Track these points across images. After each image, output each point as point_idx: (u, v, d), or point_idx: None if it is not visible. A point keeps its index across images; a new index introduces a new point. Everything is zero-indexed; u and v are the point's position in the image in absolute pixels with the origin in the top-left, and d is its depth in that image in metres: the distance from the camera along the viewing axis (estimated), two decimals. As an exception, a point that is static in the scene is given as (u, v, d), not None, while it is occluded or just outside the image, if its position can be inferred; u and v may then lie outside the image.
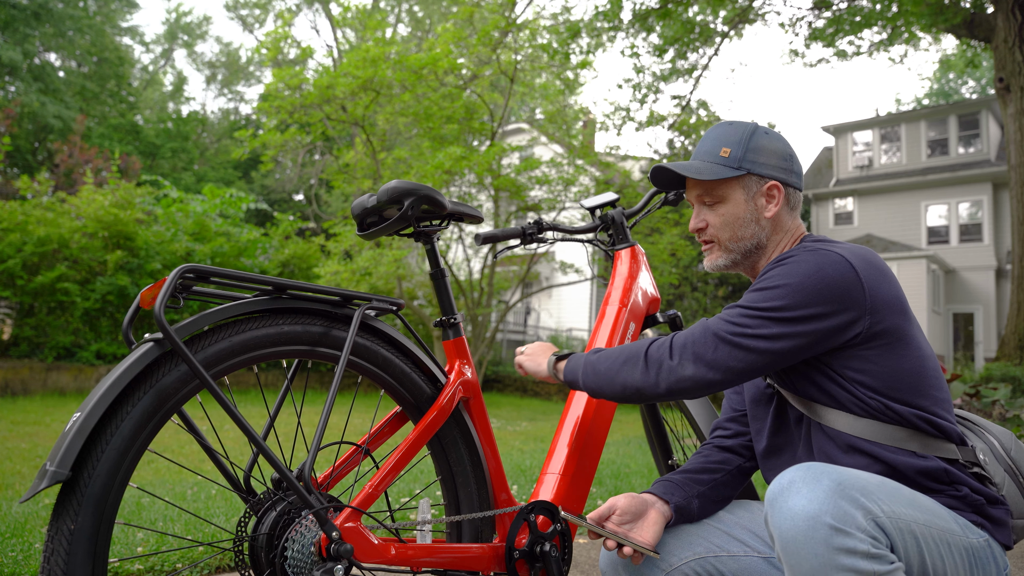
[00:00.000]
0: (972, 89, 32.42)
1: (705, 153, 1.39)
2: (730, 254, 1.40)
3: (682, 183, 1.46)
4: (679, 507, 1.36)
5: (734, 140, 1.38)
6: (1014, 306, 8.81)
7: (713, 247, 1.42)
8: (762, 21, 12.20)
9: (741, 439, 1.52)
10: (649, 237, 11.80)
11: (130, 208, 10.52)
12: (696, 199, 1.43)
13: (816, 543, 0.98)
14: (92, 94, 25.75)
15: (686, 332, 1.27)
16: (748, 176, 1.36)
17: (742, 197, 1.37)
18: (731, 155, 1.36)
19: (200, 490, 3.57)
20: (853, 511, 1.00)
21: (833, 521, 0.98)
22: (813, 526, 0.99)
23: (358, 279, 9.98)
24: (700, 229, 1.42)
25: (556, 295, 19.84)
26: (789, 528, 1.01)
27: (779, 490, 1.05)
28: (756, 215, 1.37)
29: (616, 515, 1.31)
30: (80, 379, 9.61)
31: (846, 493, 1.01)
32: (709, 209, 1.40)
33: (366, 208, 1.49)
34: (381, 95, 10.65)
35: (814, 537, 0.98)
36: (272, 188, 27.10)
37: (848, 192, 19.75)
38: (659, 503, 1.36)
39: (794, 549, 1.00)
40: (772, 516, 1.05)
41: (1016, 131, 8.95)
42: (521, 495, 3.41)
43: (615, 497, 1.33)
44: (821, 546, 0.98)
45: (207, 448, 1.21)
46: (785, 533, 1.01)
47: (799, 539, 0.99)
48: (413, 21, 29.20)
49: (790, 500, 1.02)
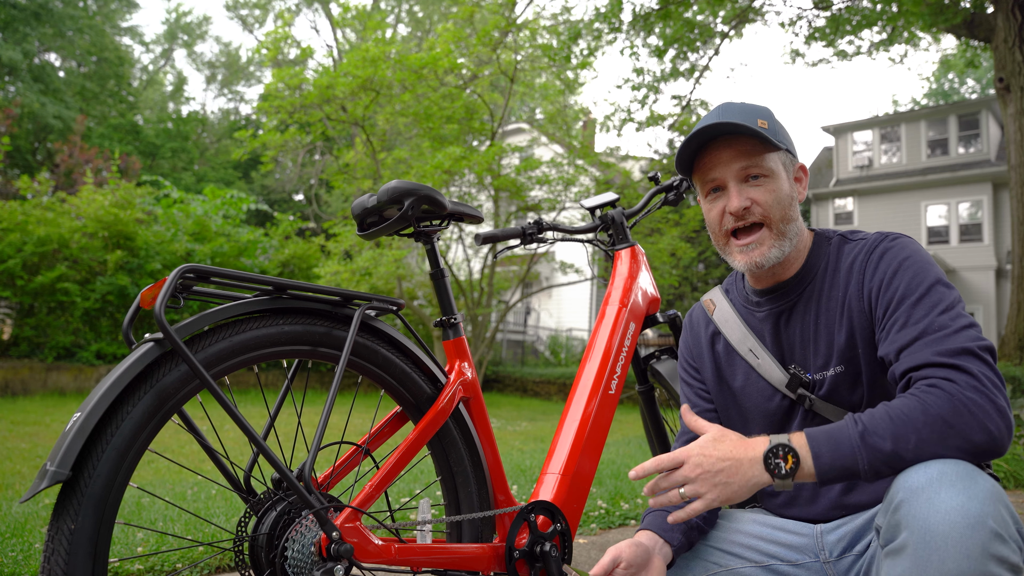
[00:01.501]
0: (972, 89, 32.43)
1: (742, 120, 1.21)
2: (784, 241, 1.23)
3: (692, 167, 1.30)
4: (680, 547, 1.30)
5: (763, 114, 1.24)
6: (1014, 306, 8.81)
7: (763, 236, 1.23)
8: (762, 21, 12.19)
9: None
10: (649, 237, 11.79)
11: (130, 208, 10.52)
12: (737, 174, 1.23)
13: (973, 545, 0.88)
14: (92, 94, 25.75)
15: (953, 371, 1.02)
16: (786, 153, 1.25)
17: (784, 175, 1.25)
18: (769, 127, 1.22)
19: (200, 490, 3.57)
20: (1008, 518, 0.92)
21: (996, 526, 0.89)
22: (974, 527, 0.89)
23: (358, 279, 9.98)
24: (744, 209, 1.22)
25: (556, 295, 19.84)
26: (941, 523, 0.90)
27: (926, 481, 0.94)
28: (794, 198, 1.25)
29: (622, 568, 1.22)
30: (80, 379, 9.61)
31: (1002, 498, 0.93)
32: (753, 185, 1.23)
33: (366, 208, 1.49)
34: (381, 95, 10.65)
35: (973, 539, 0.89)
36: (272, 188, 27.09)
37: (848, 192, 19.75)
38: (659, 546, 1.29)
39: (941, 545, 0.90)
40: (915, 506, 0.93)
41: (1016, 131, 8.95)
42: (521, 495, 3.41)
43: (617, 547, 1.24)
44: (977, 549, 0.88)
45: (207, 448, 1.21)
46: (934, 527, 0.90)
47: (953, 537, 0.89)
48: (413, 21, 29.19)
49: (944, 494, 0.91)
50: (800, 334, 1.30)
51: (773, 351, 1.33)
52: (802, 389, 1.27)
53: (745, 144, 1.24)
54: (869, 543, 1.18)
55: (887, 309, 1.16)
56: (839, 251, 1.28)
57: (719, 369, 1.42)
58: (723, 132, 1.23)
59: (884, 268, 1.19)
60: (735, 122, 1.20)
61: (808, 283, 1.29)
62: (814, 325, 1.27)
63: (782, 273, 1.29)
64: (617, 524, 3.08)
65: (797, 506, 1.32)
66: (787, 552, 1.28)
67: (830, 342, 1.25)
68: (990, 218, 17.60)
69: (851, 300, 1.22)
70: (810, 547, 1.26)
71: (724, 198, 1.27)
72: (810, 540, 1.27)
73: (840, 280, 1.25)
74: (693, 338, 1.49)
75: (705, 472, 1.04)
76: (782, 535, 1.30)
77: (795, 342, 1.30)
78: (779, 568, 1.28)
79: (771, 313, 1.33)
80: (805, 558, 1.26)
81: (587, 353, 1.73)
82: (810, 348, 1.28)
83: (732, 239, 1.28)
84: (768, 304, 1.33)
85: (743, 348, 1.37)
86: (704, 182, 1.30)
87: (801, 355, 1.30)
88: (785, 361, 1.32)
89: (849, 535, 1.22)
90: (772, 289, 1.32)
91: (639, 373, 2.02)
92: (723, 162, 1.24)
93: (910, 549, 0.92)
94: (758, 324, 1.36)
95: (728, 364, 1.41)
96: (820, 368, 1.26)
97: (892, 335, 1.13)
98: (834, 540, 1.24)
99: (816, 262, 1.29)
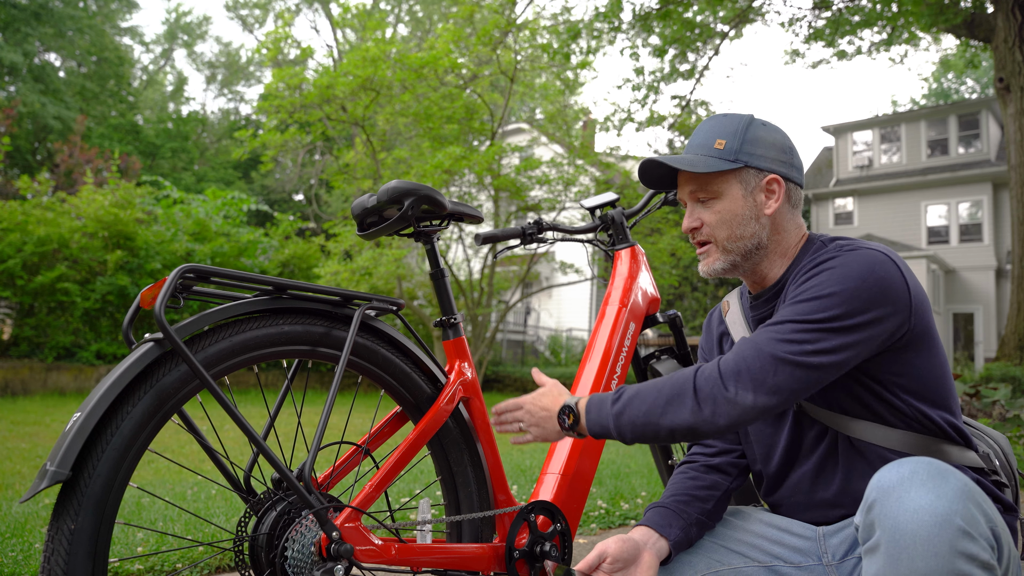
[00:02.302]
0: (972, 89, 32.43)
1: (698, 146, 1.29)
2: (729, 256, 1.29)
3: (675, 182, 1.36)
4: (678, 542, 1.29)
5: (729, 131, 1.28)
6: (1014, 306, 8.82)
7: (710, 249, 1.31)
8: (762, 21, 12.20)
9: (726, 457, 1.43)
10: (649, 237, 11.80)
11: (130, 208, 10.53)
12: (689, 196, 1.32)
13: (940, 544, 0.90)
14: (92, 94, 25.75)
15: (734, 357, 1.14)
16: (745, 169, 1.27)
17: (739, 192, 1.27)
18: (727, 147, 1.27)
19: (200, 490, 3.57)
20: (979, 516, 0.94)
21: (963, 524, 0.91)
22: (941, 525, 0.91)
23: (358, 279, 9.98)
24: (695, 229, 1.32)
25: (556, 295, 19.84)
26: (909, 522, 0.92)
27: (897, 480, 0.96)
28: (756, 212, 1.27)
29: (608, 563, 1.22)
30: (80, 379, 9.61)
31: (973, 496, 0.95)
32: (703, 207, 1.30)
33: (366, 208, 1.49)
34: (381, 95, 10.65)
35: (940, 537, 0.91)
36: (272, 188, 27.10)
37: (848, 192, 19.75)
38: (652, 541, 1.28)
39: (910, 544, 0.92)
40: (886, 506, 0.95)
41: (1016, 131, 8.95)
42: (521, 495, 3.41)
43: (605, 542, 1.24)
44: (945, 547, 0.90)
45: (207, 448, 1.21)
46: (903, 526, 0.93)
47: (920, 536, 0.91)
48: (413, 21, 29.20)
49: (913, 493, 0.94)
50: None
51: None
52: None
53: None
54: None
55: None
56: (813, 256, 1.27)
57: None
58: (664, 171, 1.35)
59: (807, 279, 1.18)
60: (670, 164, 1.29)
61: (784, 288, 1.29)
62: None
63: (764, 280, 1.33)
64: (617, 524, 3.08)
65: (800, 515, 1.32)
66: (791, 554, 1.28)
67: None
68: (990, 218, 17.60)
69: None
70: (813, 550, 1.26)
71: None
72: (813, 542, 1.27)
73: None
74: (707, 337, 1.54)
75: (530, 416, 1.34)
76: (787, 536, 1.30)
77: None
78: (782, 569, 1.28)
79: (757, 318, 1.36)
80: (808, 560, 1.26)
81: (587, 353, 1.73)
82: None
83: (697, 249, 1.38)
84: (758, 308, 1.35)
85: None
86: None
87: None
88: None
89: (851, 538, 1.21)
90: (760, 295, 1.34)
91: (639, 373, 2.02)
92: (681, 184, 1.35)
93: (883, 548, 0.95)
94: (755, 327, 1.37)
95: None
96: None
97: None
98: (837, 543, 1.23)
99: (796, 267, 1.29)
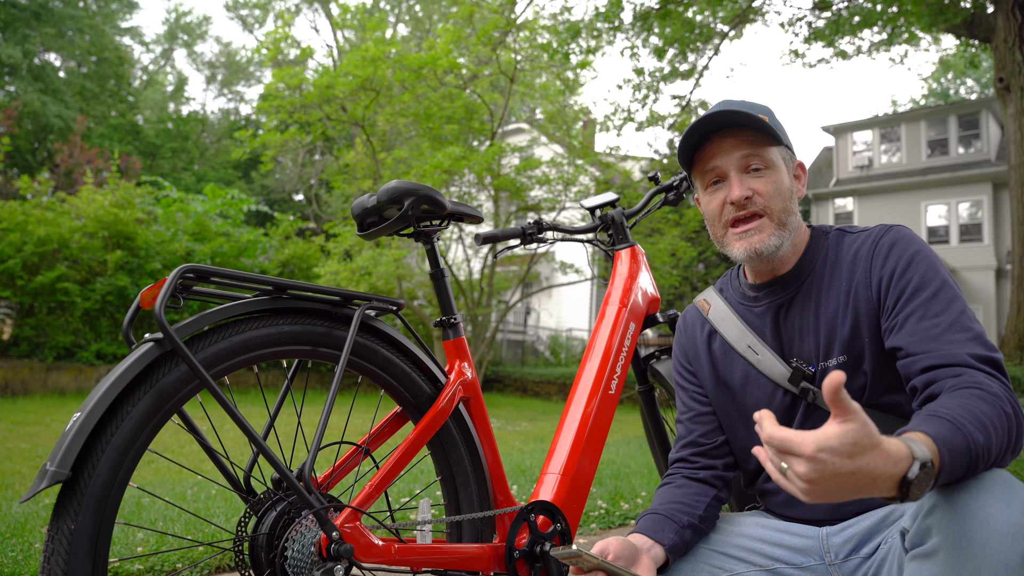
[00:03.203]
0: (972, 89, 32.43)
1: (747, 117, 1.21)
2: (783, 232, 1.23)
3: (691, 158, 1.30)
4: (674, 546, 1.26)
5: (764, 110, 1.26)
6: (1014, 306, 8.81)
7: (763, 224, 1.23)
8: (762, 21, 12.20)
9: (710, 472, 1.38)
10: (649, 237, 11.80)
11: (130, 208, 10.52)
12: (738, 163, 1.24)
13: (1012, 554, 0.87)
14: (92, 94, 25.75)
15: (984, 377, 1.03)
16: (786, 149, 1.26)
17: (785, 169, 1.25)
18: (770, 122, 1.23)
19: (200, 490, 3.57)
20: None
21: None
22: (1015, 536, 0.87)
23: (358, 279, 9.98)
24: (746, 199, 1.22)
25: (556, 295, 19.84)
26: (978, 529, 0.89)
27: (962, 487, 0.94)
28: (793, 193, 1.25)
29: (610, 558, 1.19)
30: (80, 379, 9.61)
31: None
32: (755, 176, 1.23)
33: (366, 208, 1.49)
34: (381, 95, 10.65)
35: (1011, 548, 0.87)
36: (272, 188, 27.10)
37: (848, 192, 19.75)
38: (648, 547, 1.25)
39: (977, 552, 0.88)
40: (950, 511, 0.93)
41: (1016, 131, 8.95)
42: (521, 495, 3.41)
43: (605, 541, 1.22)
44: (1016, 559, 0.87)
45: (207, 448, 1.21)
46: (971, 534, 0.89)
47: (990, 544, 0.88)
48: (413, 21, 29.20)
49: (981, 500, 0.91)
50: (799, 326, 1.29)
51: (773, 345, 1.32)
52: (805, 382, 1.27)
53: (747, 135, 1.24)
54: (878, 545, 1.16)
55: (899, 299, 1.16)
56: (838, 243, 1.29)
57: (716, 369, 1.41)
58: (728, 121, 1.23)
59: (895, 258, 1.19)
60: (740, 111, 1.20)
61: (807, 275, 1.29)
62: (814, 317, 1.27)
63: (780, 267, 1.29)
64: (617, 524, 3.08)
65: (799, 506, 1.30)
66: (791, 555, 1.26)
67: (831, 332, 1.24)
68: (990, 218, 17.61)
69: (857, 289, 1.22)
70: (815, 549, 1.25)
71: (725, 189, 1.27)
72: (815, 542, 1.25)
73: (842, 271, 1.25)
74: (688, 340, 1.48)
75: (825, 478, 0.82)
76: (786, 537, 1.28)
77: (794, 335, 1.30)
78: (784, 571, 1.26)
79: (771, 306, 1.32)
80: (810, 561, 1.24)
81: (587, 353, 1.73)
82: (810, 340, 1.27)
83: (731, 229, 1.27)
84: (767, 298, 1.33)
85: (741, 345, 1.35)
86: (704, 172, 1.29)
87: (800, 348, 1.29)
88: (785, 355, 1.31)
89: (856, 537, 1.20)
90: (771, 283, 1.32)
91: (639, 373, 2.02)
92: (725, 151, 1.24)
93: (942, 554, 0.91)
94: (756, 319, 1.35)
95: (725, 363, 1.39)
96: (822, 359, 1.26)
97: (910, 326, 1.12)
98: (840, 542, 1.22)
99: (815, 255, 1.30)
